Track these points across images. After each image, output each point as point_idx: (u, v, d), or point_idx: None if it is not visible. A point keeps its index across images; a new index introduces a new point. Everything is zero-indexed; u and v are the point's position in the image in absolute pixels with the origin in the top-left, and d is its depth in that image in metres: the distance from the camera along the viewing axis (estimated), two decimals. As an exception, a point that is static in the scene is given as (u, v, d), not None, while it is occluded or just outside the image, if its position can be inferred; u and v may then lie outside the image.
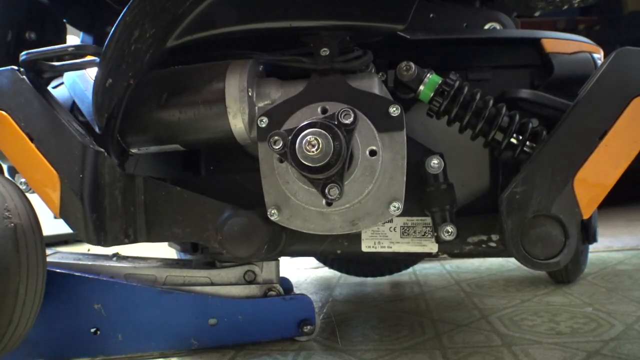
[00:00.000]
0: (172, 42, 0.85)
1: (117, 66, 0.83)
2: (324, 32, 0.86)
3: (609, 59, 0.79)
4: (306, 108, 0.83)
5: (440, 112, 0.88)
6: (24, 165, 0.87)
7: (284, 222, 0.83)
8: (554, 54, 0.95)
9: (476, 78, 0.97)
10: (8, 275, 0.79)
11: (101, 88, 0.84)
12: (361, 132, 0.80)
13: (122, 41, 0.81)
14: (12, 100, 0.87)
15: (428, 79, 0.88)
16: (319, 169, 0.73)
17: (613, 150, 0.76)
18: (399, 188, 0.80)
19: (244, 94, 0.86)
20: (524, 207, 0.78)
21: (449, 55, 1.00)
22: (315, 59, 0.86)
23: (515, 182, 0.79)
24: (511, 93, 0.92)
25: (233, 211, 0.89)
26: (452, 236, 0.86)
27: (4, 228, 0.80)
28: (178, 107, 0.89)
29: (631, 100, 0.77)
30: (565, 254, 0.78)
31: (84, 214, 0.84)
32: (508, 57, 0.98)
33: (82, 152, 0.85)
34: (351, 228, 0.82)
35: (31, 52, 0.90)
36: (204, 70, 0.90)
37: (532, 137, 0.85)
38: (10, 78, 0.89)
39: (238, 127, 0.87)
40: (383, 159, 0.80)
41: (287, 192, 0.82)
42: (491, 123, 0.85)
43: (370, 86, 0.85)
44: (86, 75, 1.01)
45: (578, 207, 0.77)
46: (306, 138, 0.73)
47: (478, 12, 1.08)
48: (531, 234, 0.78)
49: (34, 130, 0.86)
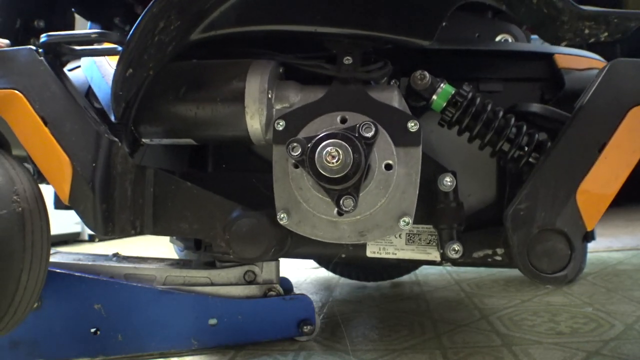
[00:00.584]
0: (196, 35, 0.84)
1: (138, 56, 0.81)
2: (348, 40, 0.85)
3: (604, 72, 0.79)
4: (325, 116, 0.82)
5: (452, 122, 0.88)
6: (35, 148, 0.85)
7: (293, 227, 0.83)
8: (565, 70, 0.95)
9: (487, 89, 0.97)
10: (12, 261, 0.77)
11: (121, 77, 0.82)
12: (379, 145, 0.79)
13: (147, 32, 0.79)
14: (28, 81, 0.85)
15: (441, 89, 0.87)
16: (337, 180, 0.73)
17: (613, 161, 0.76)
18: (410, 203, 0.80)
19: (263, 95, 0.85)
20: (529, 223, 0.78)
21: (461, 66, 0.99)
22: (338, 66, 0.86)
23: (519, 198, 0.79)
24: (522, 107, 0.92)
25: (242, 211, 0.89)
26: (458, 254, 0.86)
27: (12, 212, 0.78)
28: (196, 102, 0.88)
29: (628, 111, 0.77)
30: (571, 267, 0.78)
31: (94, 203, 0.82)
32: (520, 70, 0.98)
33: (97, 140, 0.83)
34: (359, 239, 0.82)
35: (53, 35, 0.87)
36: (225, 68, 0.89)
37: (537, 149, 0.85)
38: (27, 58, 0.86)
39: (254, 127, 0.87)
40: (398, 173, 0.80)
41: (299, 197, 0.81)
42: (500, 134, 0.85)
43: (390, 99, 0.84)
44: (104, 61, 1.00)
45: (582, 220, 0.77)
46: (327, 149, 0.72)
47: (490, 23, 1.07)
48: (537, 249, 0.78)
49: (49, 114, 0.84)
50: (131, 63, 0.81)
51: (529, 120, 0.89)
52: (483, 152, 0.89)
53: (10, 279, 0.78)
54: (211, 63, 0.91)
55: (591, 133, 0.78)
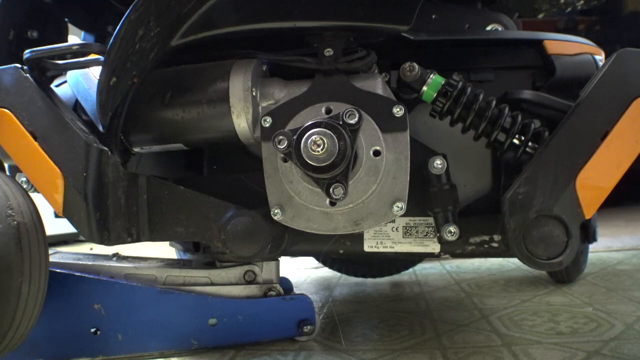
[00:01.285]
0: (177, 41, 0.85)
1: (121, 65, 0.82)
2: (328, 32, 0.86)
3: (610, 60, 0.79)
4: (310, 108, 0.83)
5: (444, 112, 0.88)
6: (27, 163, 0.86)
7: (287, 222, 0.83)
8: (556, 56, 0.95)
9: (479, 79, 0.97)
10: (11, 274, 0.78)
11: (105, 87, 0.83)
12: (365, 132, 0.80)
13: (127, 40, 0.81)
14: (15, 98, 0.87)
15: (431, 79, 0.88)
16: (324, 169, 0.73)
17: (615, 151, 0.77)
18: (402, 188, 0.80)
19: (247, 93, 0.86)
20: (527, 208, 0.78)
21: (451, 56, 1.00)
22: (319, 59, 0.87)
23: (517, 183, 0.79)
24: (513, 94, 0.92)
25: (236, 211, 0.89)
26: (455, 237, 0.86)
27: (7, 226, 0.79)
28: (181, 106, 0.89)
29: (632, 101, 0.77)
30: (567, 253, 0.78)
31: (88, 212, 0.83)
32: (510, 58, 0.98)
33: (86, 150, 0.84)
34: (354, 228, 0.82)
35: (35, 50, 0.89)
36: (208, 70, 0.90)
37: (534, 138, 0.85)
38: (13, 76, 0.88)
39: (242, 126, 0.87)
40: (387, 159, 0.80)
41: (291, 191, 0.82)
42: (494, 124, 0.86)
43: (373, 86, 0.85)
44: (89, 73, 1.01)
45: (580, 208, 0.77)
46: (311, 138, 0.73)
47: (480, 13, 1.08)
48: (534, 234, 0.79)
49: (38, 129, 0.86)
50: (114, 72, 0.83)
51: (521, 107, 0.89)
52: (478, 143, 0.90)
53: (10, 292, 0.78)
54: (194, 67, 0.92)
55: (594, 121, 0.78)
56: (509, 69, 0.98)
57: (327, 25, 0.85)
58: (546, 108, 0.88)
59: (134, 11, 0.79)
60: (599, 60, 0.96)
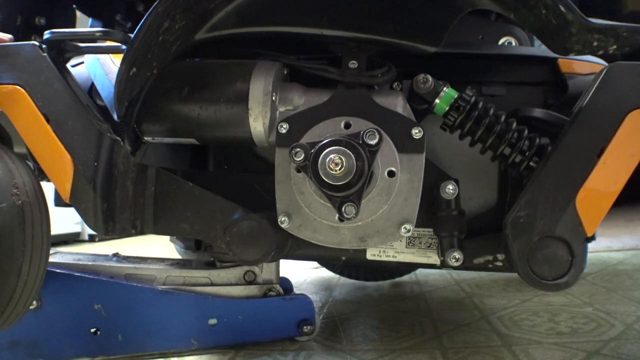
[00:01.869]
0: (201, 35, 0.83)
1: (142, 56, 0.80)
2: (354, 44, 0.85)
3: (601, 75, 0.79)
4: (329, 121, 0.82)
5: (455, 126, 0.88)
6: (37, 146, 0.84)
7: (293, 231, 0.83)
8: (569, 74, 0.94)
9: (490, 93, 0.96)
10: (12, 254, 0.77)
11: (125, 77, 0.81)
12: (382, 152, 0.79)
13: (152, 31, 0.78)
14: (31, 77, 0.84)
15: (444, 92, 0.86)
16: (339, 188, 0.73)
17: (612, 166, 0.76)
18: (411, 210, 0.80)
19: (267, 97, 0.84)
20: (529, 230, 0.78)
21: (464, 69, 0.99)
22: (343, 70, 0.85)
23: (518, 206, 0.78)
24: (524, 111, 0.91)
25: (243, 213, 0.88)
26: (459, 262, 0.86)
27: (12, 205, 0.78)
28: (199, 102, 0.88)
29: (626, 115, 0.76)
30: (572, 273, 0.77)
31: (95, 203, 0.82)
32: (523, 74, 0.98)
33: (99, 139, 0.82)
34: (360, 244, 0.82)
35: (57, 32, 0.87)
36: (229, 68, 0.89)
37: (538, 152, 0.85)
38: (31, 54, 0.85)
39: (258, 130, 0.86)
40: (400, 180, 0.79)
41: (301, 202, 0.81)
42: (501, 138, 0.85)
43: (394, 104, 0.84)
44: (108, 59, 0.99)
45: (582, 226, 0.77)
46: (330, 156, 0.72)
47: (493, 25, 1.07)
48: (537, 256, 0.78)
49: (52, 111, 0.83)
50: (135, 62, 0.81)
51: (531, 124, 0.88)
52: (484, 156, 0.89)
53: (11, 271, 0.78)
54: (215, 63, 0.91)
55: (590, 138, 0.77)
56: (521, 85, 0.97)
57: (355, 36, 0.83)
58: (556, 127, 0.87)
59: (162, 3, 0.77)
60: None
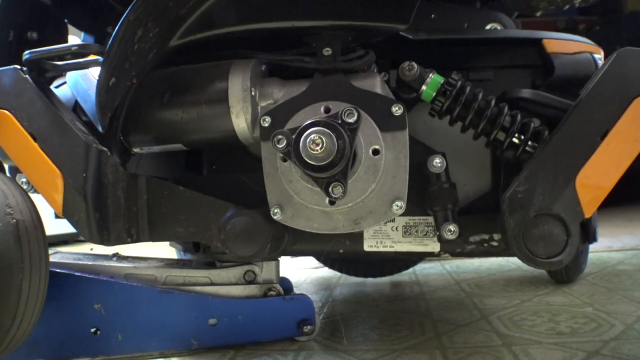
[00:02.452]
0: (175, 41, 0.85)
1: (120, 65, 0.83)
2: (326, 31, 0.86)
3: (611, 59, 0.80)
4: (309, 107, 0.83)
5: (443, 111, 0.88)
6: (27, 164, 0.87)
7: (287, 221, 0.83)
8: (555, 54, 0.95)
9: (478, 78, 0.97)
10: (11, 272, 0.79)
11: (104, 87, 0.83)
12: (364, 131, 0.80)
13: (126, 40, 0.81)
14: (15, 100, 0.87)
15: (430, 78, 0.88)
16: (323, 168, 0.73)
17: (614, 149, 0.77)
18: (401, 187, 0.81)
19: (246, 93, 0.86)
20: (526, 206, 0.78)
21: (450, 56, 1.00)
22: (318, 58, 0.87)
23: (517, 182, 0.79)
24: (512, 93, 0.92)
25: (236, 210, 0.89)
26: (454, 235, 0.86)
27: (6, 224, 0.79)
28: (181, 106, 0.89)
29: (632, 100, 0.77)
30: (567, 252, 0.78)
31: (87, 213, 0.84)
32: (509, 57, 0.98)
33: (86, 151, 0.84)
34: (354, 227, 0.82)
35: (34, 52, 0.89)
36: (207, 70, 0.90)
37: (534, 137, 0.85)
38: (13, 77, 0.88)
39: (241, 126, 0.88)
40: (386, 158, 0.80)
41: (290, 191, 0.82)
42: (493, 123, 0.86)
43: (372, 85, 0.85)
44: (89, 74, 1.01)
45: (580, 207, 0.77)
46: (310, 137, 0.73)
47: (479, 12, 1.08)
48: (533, 233, 0.79)
49: (37, 130, 0.86)
50: (113, 72, 0.83)
51: (520, 106, 0.89)
52: (477, 142, 0.90)
53: (11, 290, 0.79)
54: (193, 67, 0.92)
55: (594, 119, 0.78)
56: (508, 68, 0.98)
57: (325, 24, 0.85)
58: (545, 107, 0.88)
59: (132, 12, 0.79)
60: (598, 59, 0.96)
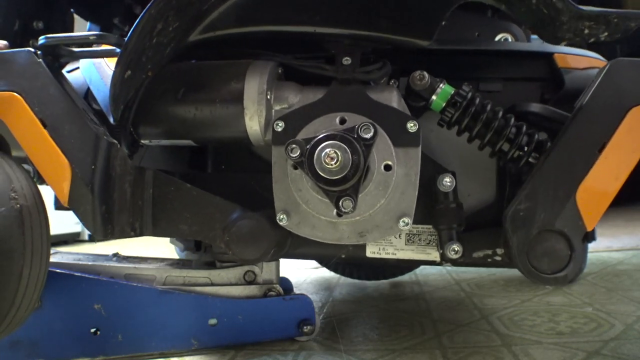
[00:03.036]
0: (195, 37, 0.83)
1: (137, 58, 0.81)
2: (348, 40, 0.85)
3: (604, 71, 0.79)
4: (324, 117, 0.82)
5: (452, 122, 0.88)
6: (34, 151, 0.85)
7: (292, 228, 0.83)
8: (565, 69, 0.94)
9: (487, 89, 0.97)
10: (12, 257, 0.78)
11: (120, 79, 0.82)
12: (378, 146, 0.79)
13: (145, 34, 0.79)
14: (27, 83, 0.85)
15: (441, 89, 0.87)
16: (336, 182, 0.73)
17: (613, 161, 0.76)
18: (409, 203, 0.80)
19: (262, 96, 0.85)
20: (529, 224, 0.78)
21: (461, 65, 0.99)
22: (337, 67, 0.86)
23: (518, 199, 0.79)
24: (521, 107, 0.91)
25: (242, 213, 0.88)
26: (458, 255, 0.86)
27: (10, 209, 0.78)
28: (195, 103, 0.88)
29: (628, 111, 0.76)
30: (571, 267, 0.78)
31: (93, 205, 0.82)
32: (520, 69, 0.98)
33: (96, 142, 0.83)
34: (359, 239, 0.82)
35: (51, 37, 0.87)
36: (224, 69, 0.89)
37: (537, 148, 0.85)
38: (26, 60, 0.85)
39: (254, 129, 0.87)
40: (397, 174, 0.80)
41: (299, 199, 0.81)
42: (499, 134, 0.85)
43: (389, 99, 0.84)
44: (103, 63, 1.00)
45: (582, 220, 0.77)
46: (325, 150, 0.72)
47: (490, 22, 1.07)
48: (537, 250, 0.78)
49: (48, 116, 0.84)
50: (129, 65, 0.81)
51: (528, 120, 0.88)
52: (483, 152, 0.89)
53: (11, 275, 0.78)
54: (210, 64, 0.91)
55: (591, 133, 0.77)
56: (518, 80, 0.98)
57: (348, 33, 0.83)
58: (554, 122, 0.87)
59: (155, 5, 0.77)
60: None
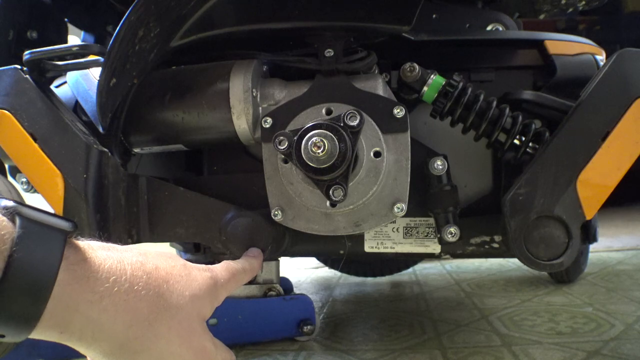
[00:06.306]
0: (177, 42, 0.84)
1: (121, 66, 0.82)
2: (328, 33, 0.86)
3: (611, 60, 0.79)
4: (311, 109, 0.83)
5: (444, 113, 0.88)
6: (27, 165, 0.86)
7: (288, 223, 0.83)
8: (556, 56, 0.95)
9: (479, 79, 0.97)
10: None
11: (105, 88, 0.83)
12: (366, 133, 0.79)
13: (127, 41, 0.80)
14: (15, 100, 0.86)
15: (432, 80, 0.87)
16: (324, 171, 0.73)
17: (615, 151, 0.76)
18: (402, 189, 0.80)
19: (248, 94, 0.85)
20: (527, 209, 0.78)
21: (452, 56, 0.99)
22: (320, 60, 0.86)
23: (518, 184, 0.79)
24: (514, 94, 0.92)
25: (237, 212, 0.89)
26: (455, 237, 0.86)
27: None
28: (181, 107, 0.89)
29: (633, 102, 0.77)
30: (568, 254, 0.78)
31: (88, 214, 0.83)
32: (511, 58, 0.98)
33: (86, 151, 0.84)
34: (355, 229, 0.82)
35: (35, 52, 0.89)
36: (208, 71, 0.90)
37: (535, 138, 0.85)
38: (13, 77, 0.87)
39: (242, 127, 0.87)
40: (387, 160, 0.80)
41: (291, 192, 0.82)
42: (495, 124, 0.85)
43: (374, 87, 0.84)
44: (89, 74, 1.01)
45: (581, 208, 0.77)
46: (312, 139, 0.72)
47: (480, 13, 1.07)
48: (534, 235, 0.78)
49: (38, 130, 0.85)
50: (114, 73, 0.82)
51: (521, 107, 0.89)
52: (478, 144, 0.90)
53: None
54: (194, 67, 0.92)
55: (595, 121, 0.77)
56: (510, 69, 0.98)
57: (328, 25, 0.84)
58: (547, 108, 0.88)
59: (133, 12, 0.79)
60: (599, 60, 0.96)
